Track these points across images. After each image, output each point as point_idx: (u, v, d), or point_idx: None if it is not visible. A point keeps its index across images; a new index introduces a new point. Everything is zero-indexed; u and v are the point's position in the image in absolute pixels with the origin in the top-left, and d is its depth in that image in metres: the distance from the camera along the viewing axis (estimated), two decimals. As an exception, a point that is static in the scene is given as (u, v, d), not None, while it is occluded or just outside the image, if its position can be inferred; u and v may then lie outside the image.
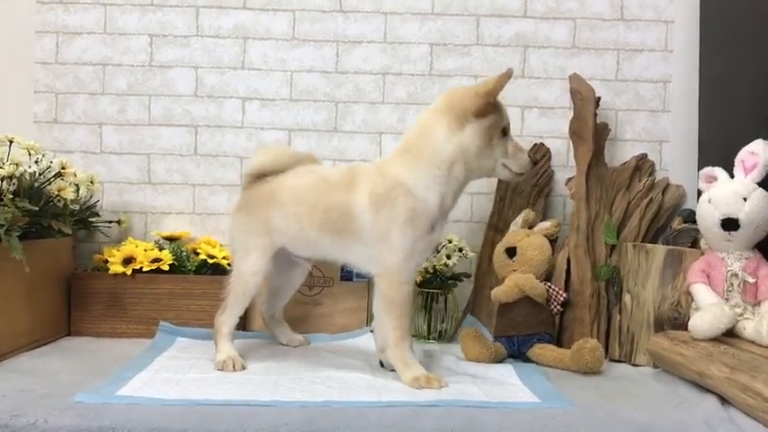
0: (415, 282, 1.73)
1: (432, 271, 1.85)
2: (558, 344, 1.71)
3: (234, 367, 1.50)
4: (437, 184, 1.44)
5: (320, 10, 2.02)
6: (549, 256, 1.75)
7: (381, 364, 1.55)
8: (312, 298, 1.90)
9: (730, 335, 1.49)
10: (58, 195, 1.71)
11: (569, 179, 1.95)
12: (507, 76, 1.43)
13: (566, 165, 2.00)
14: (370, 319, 1.87)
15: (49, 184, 1.72)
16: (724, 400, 1.31)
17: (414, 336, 1.83)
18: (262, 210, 1.59)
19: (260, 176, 1.62)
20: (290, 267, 1.71)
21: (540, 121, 2.02)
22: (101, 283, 1.82)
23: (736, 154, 1.60)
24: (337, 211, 1.49)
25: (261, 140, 2.02)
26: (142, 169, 2.03)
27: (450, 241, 1.87)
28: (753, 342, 1.45)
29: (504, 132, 1.48)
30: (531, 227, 1.81)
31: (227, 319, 1.59)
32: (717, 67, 1.87)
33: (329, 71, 2.03)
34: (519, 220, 1.82)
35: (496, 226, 1.95)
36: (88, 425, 1.13)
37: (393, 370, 1.47)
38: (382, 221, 1.43)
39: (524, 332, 1.66)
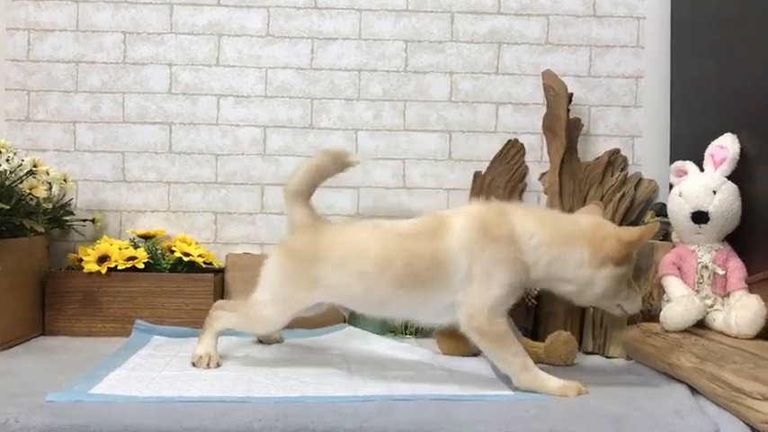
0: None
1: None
2: (533, 337, 1.73)
3: (208, 364, 1.49)
4: (542, 277, 1.41)
5: (294, 6, 2.02)
6: (523, 250, 1.76)
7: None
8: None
9: (701, 326, 1.52)
10: (30, 194, 1.70)
11: (543, 174, 1.97)
12: (652, 230, 1.41)
13: (540, 160, 2.02)
14: (348, 315, 1.88)
15: (21, 182, 1.71)
16: (694, 389, 1.33)
17: (390, 331, 1.84)
18: (312, 265, 1.48)
19: (301, 196, 1.56)
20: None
21: (515, 117, 2.04)
22: (75, 282, 1.81)
23: (706, 148, 1.62)
24: (424, 262, 1.40)
25: (236, 138, 2.02)
26: (117, 167, 2.02)
27: (425, 237, 1.88)
28: (722, 333, 1.47)
29: (631, 279, 1.46)
30: (505, 222, 1.82)
31: (223, 320, 1.55)
32: (687, 62, 1.89)
33: (304, 68, 2.03)
34: (494, 215, 1.82)
35: (472, 221, 1.96)
36: (60, 423, 1.12)
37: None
38: (484, 261, 1.37)
39: (499, 326, 1.67)
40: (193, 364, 1.49)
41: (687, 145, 1.84)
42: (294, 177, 1.60)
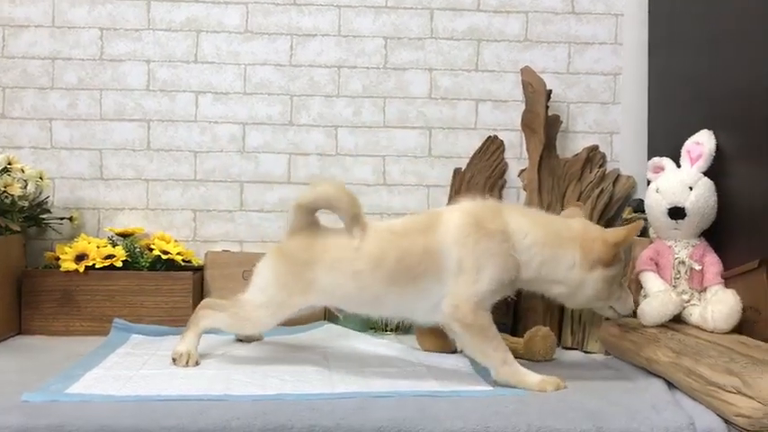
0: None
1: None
2: (513, 333, 1.74)
3: (187, 362, 1.48)
4: (532, 276, 1.42)
5: (273, 3, 2.01)
6: (502, 246, 1.77)
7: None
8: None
9: (678, 321, 1.53)
10: (4, 191, 1.68)
11: (522, 171, 1.98)
12: (636, 228, 1.42)
13: (519, 157, 2.02)
14: (327, 313, 1.87)
15: (-4, 180, 1.69)
16: (670, 384, 1.35)
17: (371, 328, 1.84)
18: (307, 268, 1.47)
19: (309, 211, 1.52)
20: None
21: (494, 114, 2.04)
22: (52, 281, 1.79)
23: (683, 144, 1.64)
24: (416, 256, 1.40)
25: (215, 134, 2.01)
26: (94, 165, 2.00)
27: (405, 234, 1.88)
28: (699, 327, 1.49)
29: (622, 281, 1.48)
30: (485, 218, 1.82)
31: (210, 320, 1.53)
32: (665, 59, 1.90)
33: (283, 64, 2.02)
34: (473, 211, 1.83)
35: (452, 218, 1.96)
36: (35, 424, 1.11)
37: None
38: (475, 253, 1.38)
39: (479, 322, 1.68)
40: (173, 360, 1.48)
41: (664, 141, 1.85)
42: (310, 195, 1.53)
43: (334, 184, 1.55)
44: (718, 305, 1.47)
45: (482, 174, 1.98)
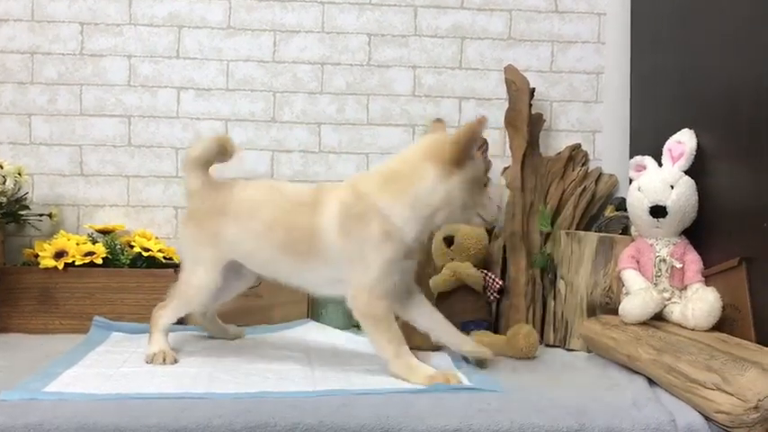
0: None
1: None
2: (495, 331, 1.74)
3: (164, 360, 1.47)
4: (418, 224, 1.40)
5: (256, -1, 2.00)
6: (485, 244, 1.78)
7: (466, 360, 1.52)
8: (252, 290, 1.88)
9: (659, 318, 1.54)
10: (-18, 188, 1.66)
11: (505, 169, 1.98)
12: (479, 123, 1.37)
13: (502, 155, 2.03)
14: (310, 311, 1.87)
15: (-26, 176, 1.67)
16: (651, 381, 1.36)
17: (354, 326, 1.83)
18: (213, 221, 1.52)
19: (201, 165, 1.57)
20: (236, 275, 1.63)
21: (477, 111, 2.04)
22: (31, 278, 1.77)
23: (664, 143, 1.65)
24: (301, 232, 1.43)
25: (197, 131, 1.99)
26: (74, 161, 1.98)
27: (388, 231, 1.88)
28: (679, 325, 1.50)
29: (485, 185, 1.47)
30: (468, 216, 1.83)
31: (166, 314, 1.55)
32: (647, 59, 1.91)
33: (266, 61, 2.01)
34: (456, 209, 1.83)
35: (435, 216, 1.96)
36: (13, 423, 1.10)
37: (482, 363, 1.48)
38: (354, 243, 1.39)
39: (462, 319, 1.68)
40: (148, 363, 1.47)
41: (646, 140, 1.86)
42: (197, 147, 1.59)
43: (219, 135, 1.62)
44: (699, 303, 1.48)
45: (465, 172, 1.98)
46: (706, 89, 1.62)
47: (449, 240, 1.77)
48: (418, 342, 1.64)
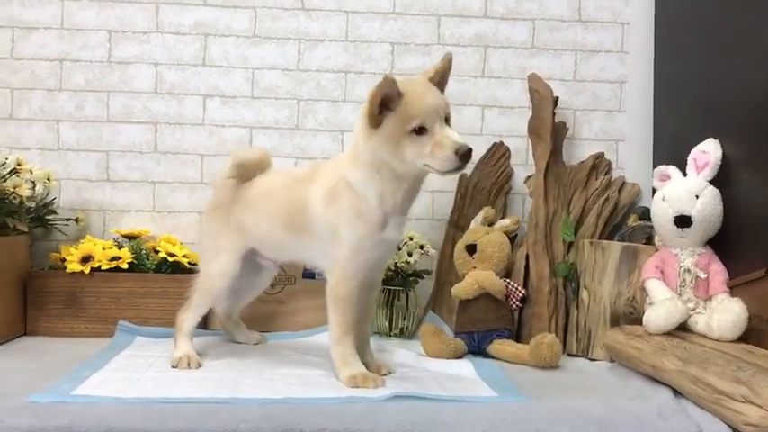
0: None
1: (393, 268, 1.86)
2: (518, 339, 1.74)
3: (189, 365, 1.49)
4: (372, 184, 1.40)
5: (282, 8, 2.02)
6: (508, 253, 1.77)
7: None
8: (274, 296, 1.90)
9: (683, 329, 1.53)
10: (13, 192, 1.69)
11: (528, 177, 1.98)
12: (384, 81, 1.33)
13: (525, 163, 2.03)
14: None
15: (5, 181, 1.69)
16: (677, 391, 1.35)
17: (375, 332, 1.84)
18: (234, 210, 1.58)
19: (241, 171, 1.60)
20: (256, 271, 1.69)
21: (500, 120, 2.05)
22: (58, 282, 1.79)
23: (688, 153, 1.64)
24: (296, 206, 1.48)
25: (222, 138, 2.01)
26: (101, 166, 2.00)
27: (411, 238, 1.89)
28: (704, 336, 1.49)
29: (420, 132, 1.34)
30: (490, 224, 1.83)
31: (189, 317, 1.58)
32: (670, 68, 1.91)
33: (291, 69, 2.03)
34: (479, 217, 1.84)
35: (457, 223, 1.97)
36: (44, 425, 1.11)
37: None
38: (331, 215, 1.42)
39: (484, 328, 1.68)
40: (174, 367, 1.49)
41: (669, 149, 1.86)
42: (242, 155, 1.65)
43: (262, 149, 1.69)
44: (724, 314, 1.47)
45: (488, 179, 1.98)
46: (730, 98, 1.62)
47: (471, 248, 1.77)
48: (437, 347, 1.65)
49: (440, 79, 1.44)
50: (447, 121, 1.38)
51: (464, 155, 1.32)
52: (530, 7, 2.05)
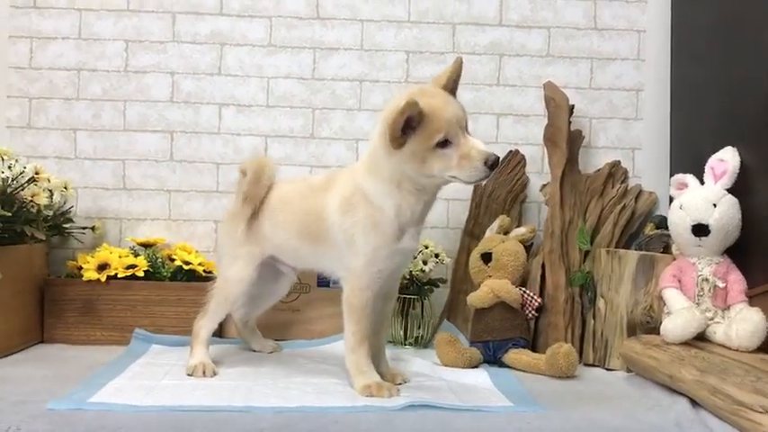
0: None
1: (408, 277, 1.86)
2: (533, 349, 1.73)
3: (204, 373, 1.49)
4: (390, 196, 1.40)
5: (297, 17, 2.03)
6: (523, 261, 1.77)
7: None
8: (289, 304, 1.90)
9: (701, 339, 1.52)
10: (31, 201, 1.70)
11: (544, 185, 1.98)
12: (407, 105, 1.30)
13: (540, 171, 2.02)
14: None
15: (23, 189, 1.71)
16: (695, 402, 1.33)
17: (390, 341, 1.83)
18: (253, 219, 1.58)
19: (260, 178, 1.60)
20: (275, 278, 1.70)
21: (515, 128, 2.04)
22: (74, 290, 1.80)
23: (706, 161, 1.63)
24: (313, 215, 1.49)
25: (237, 146, 2.02)
26: (117, 175, 2.02)
27: (426, 247, 1.88)
28: (722, 345, 1.48)
29: (443, 145, 1.34)
30: (506, 233, 1.83)
31: (206, 324, 1.58)
32: (687, 75, 1.90)
33: (306, 78, 2.03)
34: (494, 225, 1.84)
35: (472, 232, 1.96)
36: (61, 431, 1.12)
37: None
38: (347, 225, 1.42)
39: (500, 337, 1.68)
40: (190, 375, 1.49)
41: (687, 158, 1.85)
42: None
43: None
44: (743, 323, 1.45)
45: (503, 187, 1.98)
46: (747, 105, 1.61)
47: (486, 257, 1.76)
48: (452, 356, 1.65)
49: (452, 85, 1.44)
50: (466, 128, 1.38)
51: (493, 164, 1.34)
52: (545, 15, 2.05)
